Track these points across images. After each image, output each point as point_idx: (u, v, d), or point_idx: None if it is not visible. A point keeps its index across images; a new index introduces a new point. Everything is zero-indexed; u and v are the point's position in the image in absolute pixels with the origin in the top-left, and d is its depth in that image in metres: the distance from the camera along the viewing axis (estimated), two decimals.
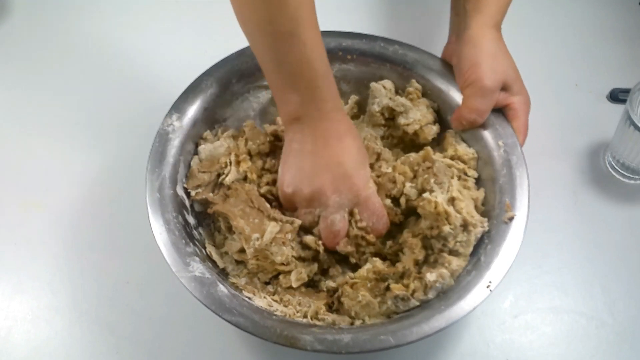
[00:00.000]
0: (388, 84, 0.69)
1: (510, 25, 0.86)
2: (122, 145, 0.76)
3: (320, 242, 0.61)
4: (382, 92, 0.68)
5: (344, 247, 0.61)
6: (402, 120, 0.67)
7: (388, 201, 0.63)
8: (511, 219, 0.59)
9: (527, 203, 0.60)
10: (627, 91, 0.78)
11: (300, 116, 0.58)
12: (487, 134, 0.64)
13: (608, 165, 0.75)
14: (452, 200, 0.59)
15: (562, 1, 0.90)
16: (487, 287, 0.55)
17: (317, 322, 0.58)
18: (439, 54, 0.70)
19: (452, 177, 0.62)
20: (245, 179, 0.65)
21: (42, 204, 0.72)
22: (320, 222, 0.61)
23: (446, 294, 0.56)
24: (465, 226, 0.58)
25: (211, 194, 0.64)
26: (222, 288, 0.56)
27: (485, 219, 0.60)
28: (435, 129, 0.67)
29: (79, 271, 0.68)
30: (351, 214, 0.61)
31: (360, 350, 0.52)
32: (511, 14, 0.88)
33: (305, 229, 0.62)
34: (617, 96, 0.79)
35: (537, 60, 0.83)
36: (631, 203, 0.72)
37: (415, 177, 0.63)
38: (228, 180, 0.64)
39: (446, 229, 0.58)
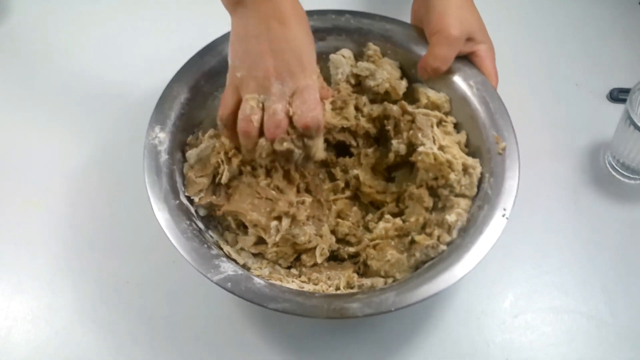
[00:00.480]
0: (346, 52, 0.70)
1: (510, 25, 0.86)
2: (122, 146, 0.76)
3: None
4: (343, 61, 0.69)
5: (280, 144, 0.57)
6: (370, 83, 0.68)
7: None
8: (504, 149, 0.61)
9: (513, 131, 0.62)
10: (627, 91, 0.78)
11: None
12: (456, 78, 0.66)
13: (608, 165, 0.74)
14: (441, 149, 0.61)
15: (562, 1, 0.89)
16: (503, 215, 0.58)
17: (353, 291, 0.59)
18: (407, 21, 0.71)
19: (432, 126, 0.64)
20: (240, 173, 0.65)
21: (42, 204, 0.72)
22: (264, 112, 0.57)
23: (467, 232, 0.59)
24: (465, 169, 0.61)
25: (214, 197, 0.64)
26: (258, 280, 0.56)
27: (477, 160, 0.62)
28: (404, 83, 0.68)
29: (79, 271, 0.68)
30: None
31: (408, 304, 0.54)
32: (511, 13, 0.88)
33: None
34: (617, 96, 0.79)
35: (537, 60, 0.83)
36: (631, 203, 0.72)
37: (397, 128, 0.65)
38: (225, 179, 0.64)
39: (452, 176, 0.60)
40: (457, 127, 0.67)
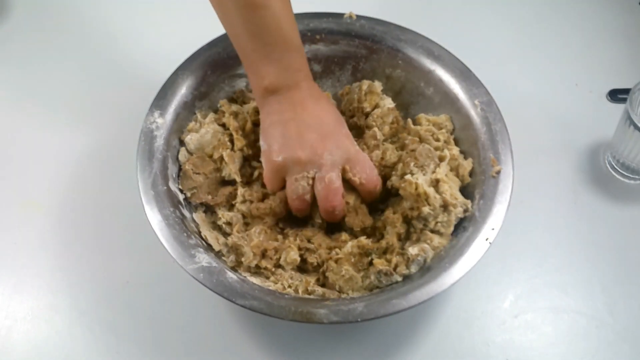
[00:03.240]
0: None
1: (510, 25, 0.86)
2: (123, 147, 0.75)
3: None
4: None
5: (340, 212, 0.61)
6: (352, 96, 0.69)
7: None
8: (498, 172, 0.61)
9: (511, 155, 0.62)
10: (627, 91, 0.78)
11: (276, 88, 0.59)
12: (462, 95, 0.66)
13: (608, 165, 0.75)
14: (436, 182, 0.60)
15: (562, 1, 0.90)
16: (486, 239, 0.57)
17: (309, 296, 0.58)
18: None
19: (440, 161, 0.63)
20: (250, 168, 0.65)
21: (42, 204, 0.72)
22: (316, 184, 0.60)
23: (447, 253, 0.58)
24: (445, 207, 0.60)
25: (209, 196, 0.64)
26: (230, 275, 0.56)
27: (469, 201, 0.61)
28: (377, 83, 0.69)
29: (79, 271, 0.68)
30: (343, 171, 0.61)
31: (375, 316, 0.53)
32: (512, 13, 0.88)
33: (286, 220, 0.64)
34: (617, 96, 0.79)
35: (537, 60, 0.83)
36: (631, 203, 0.72)
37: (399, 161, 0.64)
38: (229, 173, 0.64)
39: (425, 210, 0.59)
40: (464, 153, 0.65)
